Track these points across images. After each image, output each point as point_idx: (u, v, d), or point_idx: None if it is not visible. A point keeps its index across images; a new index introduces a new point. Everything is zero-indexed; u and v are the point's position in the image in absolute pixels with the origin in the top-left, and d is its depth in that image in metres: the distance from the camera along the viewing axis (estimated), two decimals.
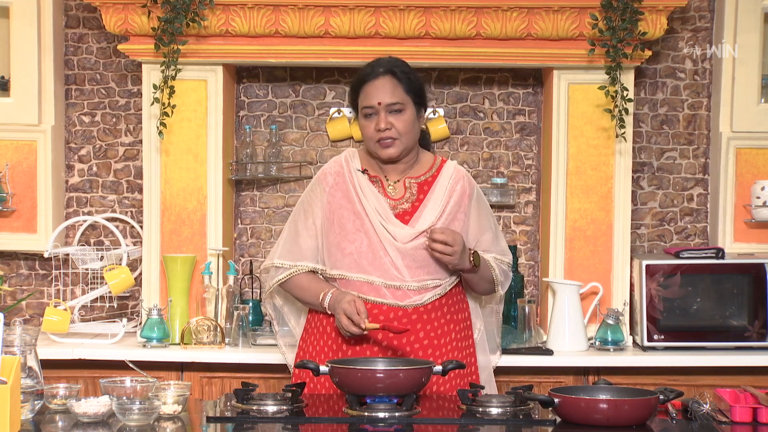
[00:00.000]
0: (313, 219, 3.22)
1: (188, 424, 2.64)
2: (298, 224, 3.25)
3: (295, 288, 3.24)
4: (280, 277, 3.24)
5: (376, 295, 3.11)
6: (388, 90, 3.15)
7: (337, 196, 3.19)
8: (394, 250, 3.11)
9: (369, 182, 3.20)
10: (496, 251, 3.25)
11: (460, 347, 3.18)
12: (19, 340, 2.61)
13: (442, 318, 3.15)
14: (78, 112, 4.46)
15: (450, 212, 3.18)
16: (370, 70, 3.20)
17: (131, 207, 4.45)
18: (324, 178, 3.24)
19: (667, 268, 4.00)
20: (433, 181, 3.23)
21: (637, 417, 2.52)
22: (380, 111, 3.14)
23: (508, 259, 3.30)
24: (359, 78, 3.21)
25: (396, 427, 2.57)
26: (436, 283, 3.15)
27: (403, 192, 3.21)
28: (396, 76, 3.17)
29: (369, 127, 3.17)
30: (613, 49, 3.92)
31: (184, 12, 3.93)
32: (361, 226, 3.14)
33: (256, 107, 4.45)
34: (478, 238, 3.23)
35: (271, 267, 3.27)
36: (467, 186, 3.24)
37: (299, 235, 3.24)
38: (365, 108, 3.17)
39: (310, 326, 3.26)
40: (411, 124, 3.17)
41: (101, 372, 3.63)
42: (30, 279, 4.46)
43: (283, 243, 3.27)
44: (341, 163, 3.25)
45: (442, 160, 3.29)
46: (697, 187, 4.44)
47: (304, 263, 3.21)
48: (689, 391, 3.50)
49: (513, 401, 2.68)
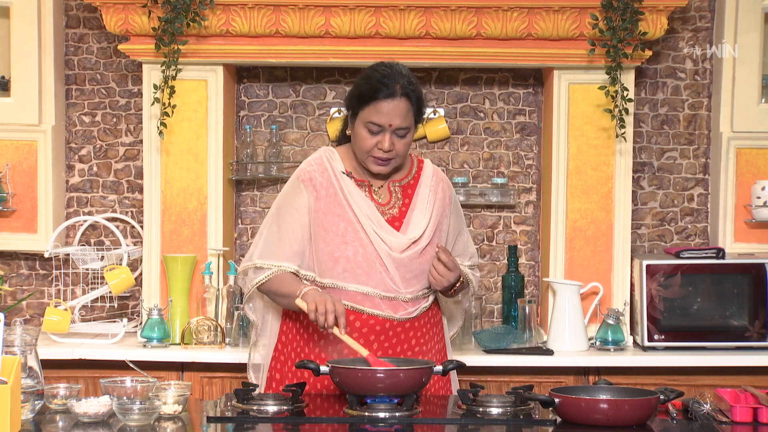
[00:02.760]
0: (300, 221, 3.08)
1: (189, 424, 2.64)
2: (281, 225, 3.09)
3: (273, 287, 3.06)
4: (261, 277, 3.07)
5: (371, 306, 3.04)
6: (401, 114, 3.04)
7: (326, 200, 3.08)
8: (389, 260, 3.05)
9: (356, 186, 3.12)
10: (468, 255, 3.27)
11: (437, 349, 3.18)
12: (20, 340, 2.61)
13: (425, 326, 3.15)
14: (78, 112, 4.46)
15: (436, 216, 3.15)
16: (385, 87, 3.03)
17: (132, 207, 4.45)
18: (308, 179, 3.10)
19: (667, 268, 4.00)
20: (415, 184, 3.19)
21: (637, 417, 2.52)
22: (387, 132, 3.05)
23: (476, 261, 3.33)
24: (372, 90, 3.04)
25: (396, 427, 2.57)
26: (425, 293, 3.13)
27: (389, 197, 3.15)
28: (410, 101, 3.06)
29: (369, 141, 3.06)
30: (614, 49, 3.92)
31: (185, 12, 3.93)
32: (354, 234, 3.05)
33: (256, 107, 4.45)
34: (454, 240, 3.24)
35: (250, 268, 3.11)
36: (447, 188, 3.24)
37: (282, 235, 3.08)
38: (372, 123, 3.04)
39: (287, 328, 3.14)
40: (409, 145, 3.13)
41: (102, 372, 3.63)
42: (30, 279, 4.46)
43: (263, 243, 3.10)
44: (323, 164, 3.13)
45: (420, 161, 3.26)
46: (698, 187, 4.44)
47: (287, 264, 3.06)
48: (689, 391, 3.50)
49: (513, 401, 2.68)
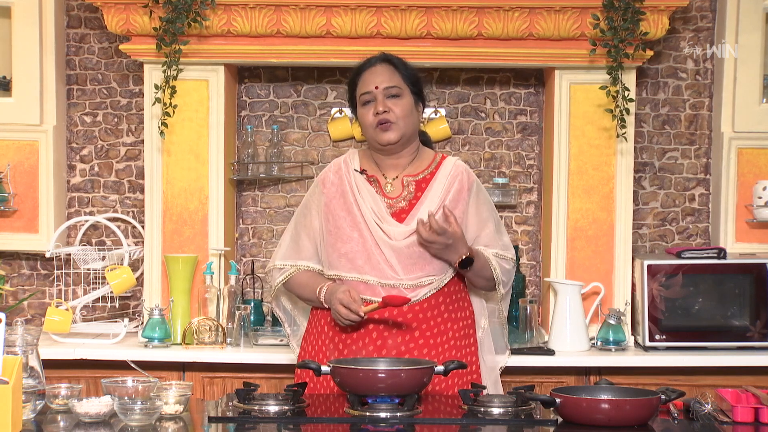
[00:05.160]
0: (311, 220, 3.25)
1: (190, 424, 2.64)
2: (297, 226, 3.29)
3: (295, 287, 3.27)
4: (281, 278, 3.26)
5: (371, 294, 3.09)
6: (385, 75, 3.19)
7: (335, 197, 3.21)
8: (388, 249, 3.11)
9: (366, 182, 3.21)
10: (498, 246, 3.21)
11: (460, 346, 3.16)
12: (21, 340, 2.61)
13: (439, 316, 3.14)
14: (80, 112, 4.46)
15: (449, 206, 3.15)
16: (366, 61, 3.25)
17: (133, 207, 4.45)
18: (323, 179, 3.26)
19: (668, 268, 4.00)
20: (431, 178, 3.22)
21: (638, 417, 2.52)
22: (378, 95, 3.16)
23: (511, 255, 3.24)
24: (356, 70, 3.25)
25: (397, 427, 2.57)
26: (430, 280, 3.13)
27: (400, 190, 3.20)
28: (392, 64, 3.22)
29: (367, 113, 3.18)
30: (615, 49, 3.92)
31: (186, 12, 3.93)
32: (355, 225, 3.14)
33: (257, 107, 4.45)
34: (478, 232, 3.21)
35: (273, 269, 3.30)
36: (466, 180, 3.22)
37: (299, 236, 3.27)
38: (363, 95, 3.19)
39: (311, 326, 3.27)
40: (409, 110, 3.17)
41: (103, 372, 3.63)
42: (32, 279, 4.46)
43: (285, 245, 3.30)
44: (340, 164, 3.27)
45: (443, 157, 3.28)
46: (699, 187, 4.44)
47: (304, 263, 3.24)
48: (691, 391, 3.50)
49: (514, 401, 2.68)
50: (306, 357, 3.21)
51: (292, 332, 3.42)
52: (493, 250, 3.19)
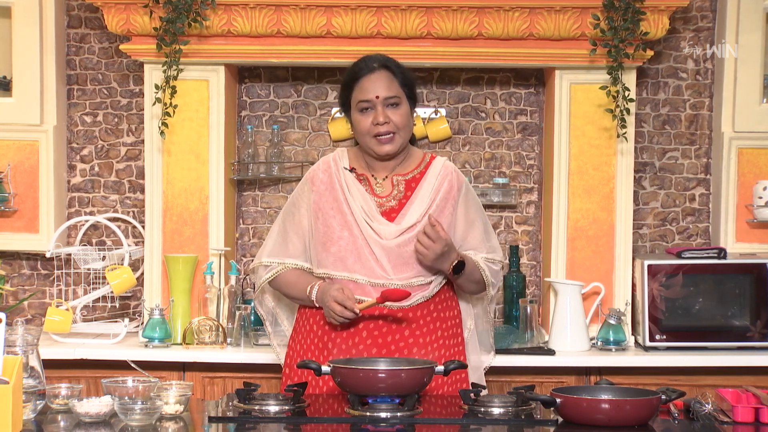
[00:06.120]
0: (300, 218, 3.22)
1: (190, 424, 2.64)
2: (285, 224, 3.25)
3: (282, 285, 3.23)
4: (268, 275, 3.22)
5: (361, 294, 3.08)
6: (385, 84, 3.14)
7: (324, 195, 3.18)
8: (378, 248, 3.10)
9: (356, 180, 3.19)
10: (485, 249, 3.22)
11: (449, 345, 3.16)
12: (21, 340, 2.62)
13: (428, 316, 3.14)
14: (80, 112, 4.46)
15: (437, 207, 3.16)
16: (363, 65, 3.17)
17: (133, 207, 4.45)
18: (312, 177, 3.23)
19: (669, 268, 4.00)
20: (420, 178, 3.21)
21: (638, 417, 2.52)
22: (377, 105, 3.13)
23: (500, 257, 3.25)
24: (352, 73, 3.18)
25: (398, 427, 2.57)
26: (420, 281, 3.12)
27: (390, 189, 3.19)
28: (391, 71, 3.17)
29: (365, 121, 3.14)
30: (615, 49, 3.92)
31: (186, 12, 3.93)
32: (345, 224, 3.13)
33: (257, 107, 4.45)
34: (466, 235, 3.21)
35: (259, 266, 3.26)
36: (455, 181, 3.22)
37: (287, 234, 3.23)
38: (361, 102, 3.14)
39: (299, 325, 3.25)
40: (408, 118, 3.16)
41: (103, 372, 3.63)
42: (32, 279, 4.46)
43: (271, 242, 3.25)
44: (329, 162, 3.23)
45: (432, 157, 3.28)
46: (699, 187, 4.44)
47: (292, 261, 3.21)
48: (691, 391, 3.49)
49: (515, 401, 2.68)
50: (294, 356, 3.19)
51: (273, 331, 3.38)
52: (481, 254, 3.21)
